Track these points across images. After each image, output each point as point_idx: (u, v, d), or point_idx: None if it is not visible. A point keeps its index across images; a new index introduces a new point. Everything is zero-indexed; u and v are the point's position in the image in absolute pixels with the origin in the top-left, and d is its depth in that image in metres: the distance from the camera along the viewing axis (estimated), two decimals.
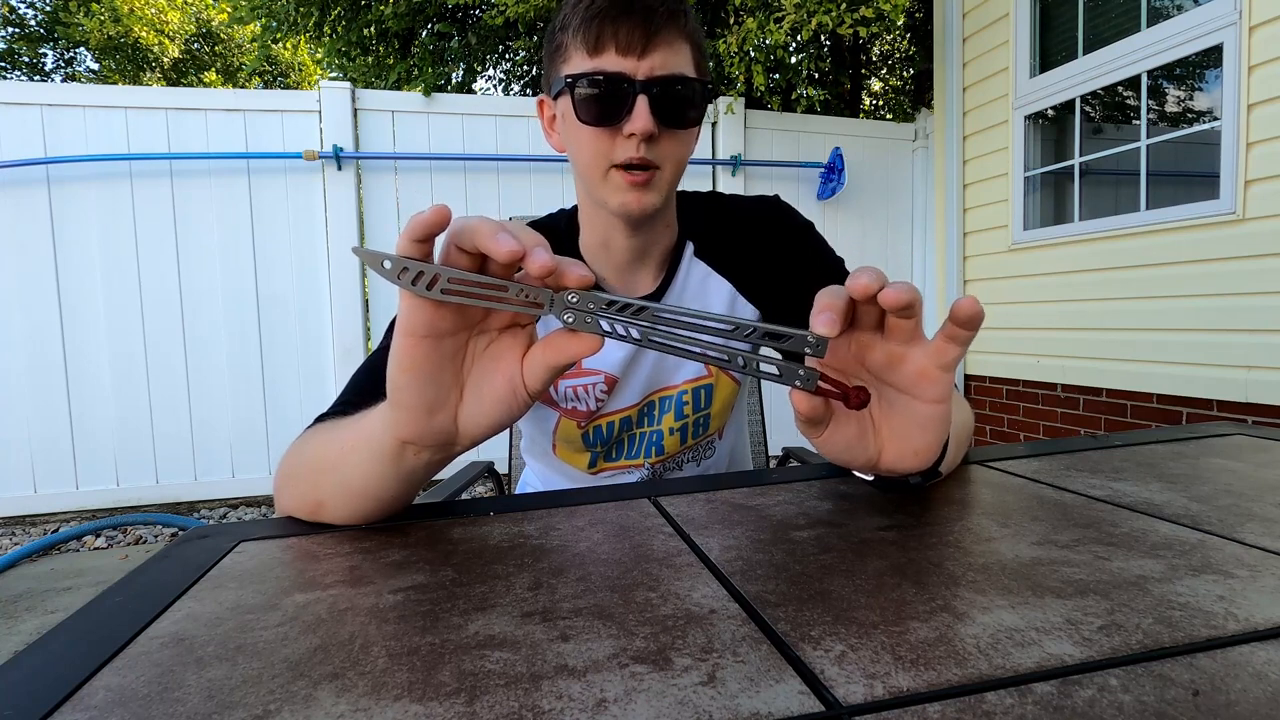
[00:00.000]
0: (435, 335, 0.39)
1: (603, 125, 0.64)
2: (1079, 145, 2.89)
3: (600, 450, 0.81)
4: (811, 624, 0.32)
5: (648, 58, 0.62)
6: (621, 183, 0.65)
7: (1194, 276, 2.41)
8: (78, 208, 2.80)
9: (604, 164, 0.66)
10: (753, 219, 0.82)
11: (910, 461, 0.43)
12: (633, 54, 0.62)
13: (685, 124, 0.66)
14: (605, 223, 0.72)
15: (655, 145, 0.65)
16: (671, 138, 0.66)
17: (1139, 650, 0.29)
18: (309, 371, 3.06)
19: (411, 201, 3.15)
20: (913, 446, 0.43)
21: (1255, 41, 2.21)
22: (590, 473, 0.83)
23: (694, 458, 0.85)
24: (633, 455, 0.82)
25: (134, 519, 2.81)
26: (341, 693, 0.28)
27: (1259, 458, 0.61)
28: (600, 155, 0.65)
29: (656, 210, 0.69)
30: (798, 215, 0.83)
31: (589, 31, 0.62)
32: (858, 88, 5.24)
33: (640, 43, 0.62)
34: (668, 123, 0.64)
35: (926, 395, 0.41)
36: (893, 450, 0.43)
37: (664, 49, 0.63)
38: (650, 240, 0.75)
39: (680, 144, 0.67)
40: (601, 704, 0.26)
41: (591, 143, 0.65)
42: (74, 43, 9.29)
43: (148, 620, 0.35)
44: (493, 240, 0.34)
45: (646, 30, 0.61)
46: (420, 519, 0.51)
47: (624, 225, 0.71)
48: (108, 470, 2.88)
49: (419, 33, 4.45)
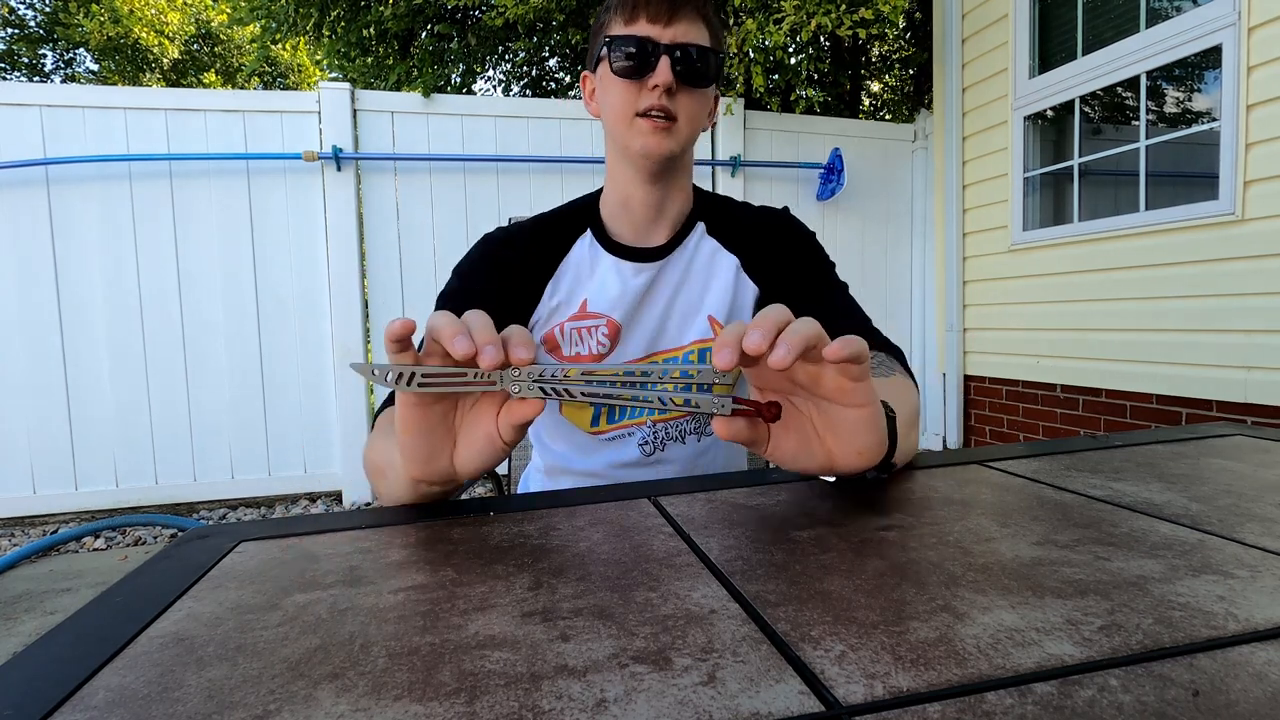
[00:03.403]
0: (423, 405, 0.48)
1: (632, 78, 0.77)
2: (1078, 146, 2.89)
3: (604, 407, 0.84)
4: (811, 624, 0.32)
5: (672, 27, 0.76)
6: (645, 127, 0.77)
7: (1193, 277, 2.41)
8: (78, 208, 2.80)
9: (631, 111, 0.77)
10: (762, 215, 0.91)
11: (857, 460, 0.48)
12: (659, 22, 0.75)
13: (699, 83, 0.78)
14: (627, 177, 0.82)
15: (674, 99, 0.77)
16: (687, 95, 0.77)
17: (1139, 650, 0.29)
18: (309, 372, 3.06)
19: (411, 202, 3.15)
20: (855, 448, 0.47)
21: (1254, 42, 2.21)
22: (591, 431, 0.85)
23: (696, 429, 0.87)
24: (635, 414, 0.85)
25: (133, 520, 2.81)
26: (341, 693, 0.28)
27: (1259, 458, 0.61)
28: (629, 103, 0.77)
29: (673, 156, 0.79)
30: (804, 225, 0.92)
31: (626, 4, 0.76)
32: (857, 88, 5.24)
33: (666, 14, 0.75)
34: (685, 80, 0.76)
35: (850, 402, 0.46)
36: (839, 452, 0.48)
37: (685, 22, 0.76)
38: (666, 196, 0.84)
39: (695, 101, 0.78)
40: (601, 704, 0.26)
41: (622, 92, 0.78)
42: (74, 44, 9.29)
43: (148, 620, 0.35)
44: (451, 344, 0.43)
45: (672, 5, 0.75)
46: (420, 519, 0.51)
47: (645, 175, 0.81)
48: (107, 471, 2.88)
49: (419, 34, 4.45)
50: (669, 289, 0.85)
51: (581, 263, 0.85)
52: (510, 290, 0.83)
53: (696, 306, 0.85)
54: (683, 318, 0.85)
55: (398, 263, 3.15)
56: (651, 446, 0.85)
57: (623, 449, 0.86)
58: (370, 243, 3.13)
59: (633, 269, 0.84)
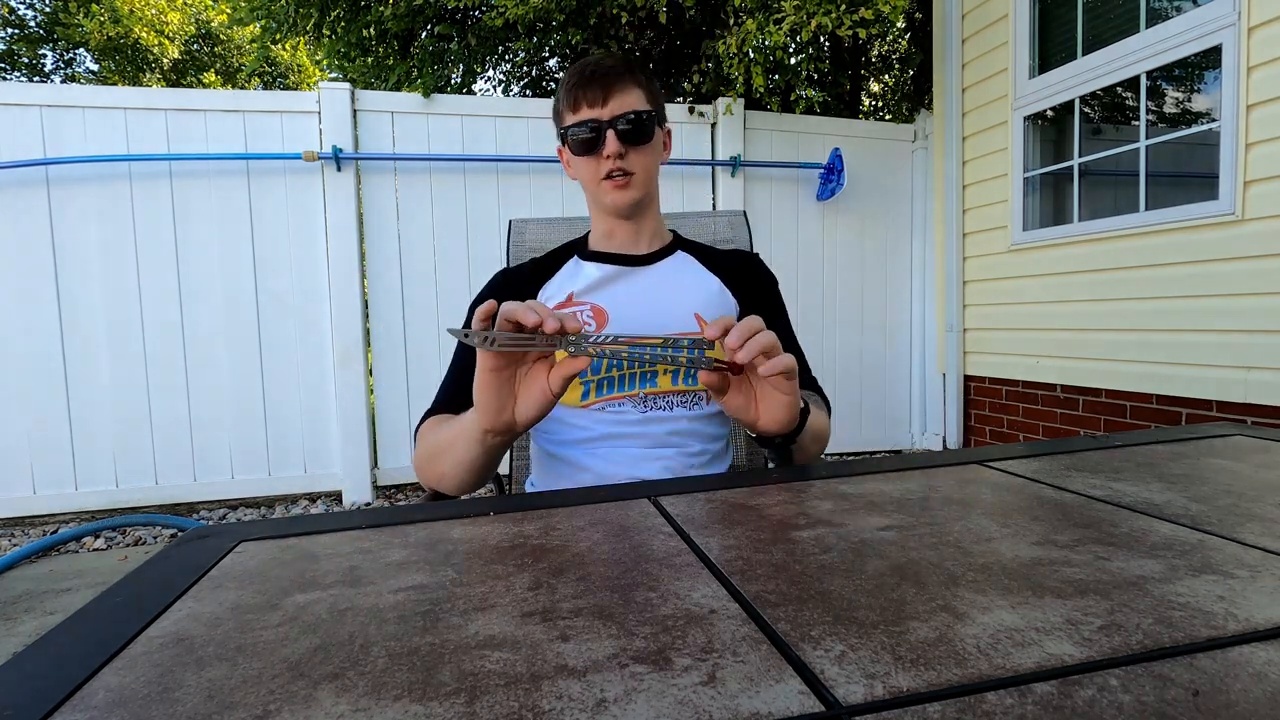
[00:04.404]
0: (497, 369, 0.64)
1: (588, 155, 0.94)
2: (1078, 146, 2.89)
3: (593, 381, 0.94)
4: (811, 624, 0.32)
5: (609, 104, 0.92)
6: (608, 188, 0.95)
7: (1193, 277, 2.41)
8: (78, 208, 2.80)
9: (596, 177, 0.95)
10: (736, 256, 1.07)
11: (774, 427, 0.69)
12: (597, 105, 0.92)
13: (643, 140, 0.94)
14: (606, 220, 1.01)
15: (626, 159, 0.93)
16: (636, 151, 0.94)
17: (1139, 650, 0.29)
18: (309, 372, 3.06)
19: (411, 202, 3.15)
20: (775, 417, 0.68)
21: (1254, 42, 2.21)
22: (582, 406, 0.93)
23: (685, 402, 0.95)
24: (627, 389, 0.94)
25: (133, 520, 2.81)
26: (341, 693, 0.28)
27: (1259, 458, 0.61)
28: (592, 172, 0.95)
29: (638, 201, 0.96)
30: (769, 271, 1.08)
31: (569, 98, 0.93)
32: (857, 89, 5.24)
33: (601, 97, 0.91)
34: (630, 141, 0.92)
35: (780, 388, 0.67)
36: (764, 417, 0.69)
37: (618, 97, 0.92)
38: (641, 226, 1.01)
39: (644, 154, 0.95)
40: (601, 704, 0.26)
41: (584, 167, 0.96)
42: (74, 44, 9.29)
43: (148, 620, 0.35)
44: (524, 316, 0.58)
45: (604, 88, 0.91)
46: (420, 519, 0.51)
47: (620, 217, 0.99)
48: (107, 471, 2.88)
49: (419, 34, 4.45)
50: (654, 287, 0.98)
51: (566, 273, 1.01)
52: None
53: (683, 305, 0.97)
54: (669, 313, 0.96)
55: (398, 263, 3.15)
56: (645, 407, 0.95)
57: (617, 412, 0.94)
58: (370, 243, 3.13)
59: (614, 269, 0.98)
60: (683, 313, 0.97)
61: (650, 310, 0.96)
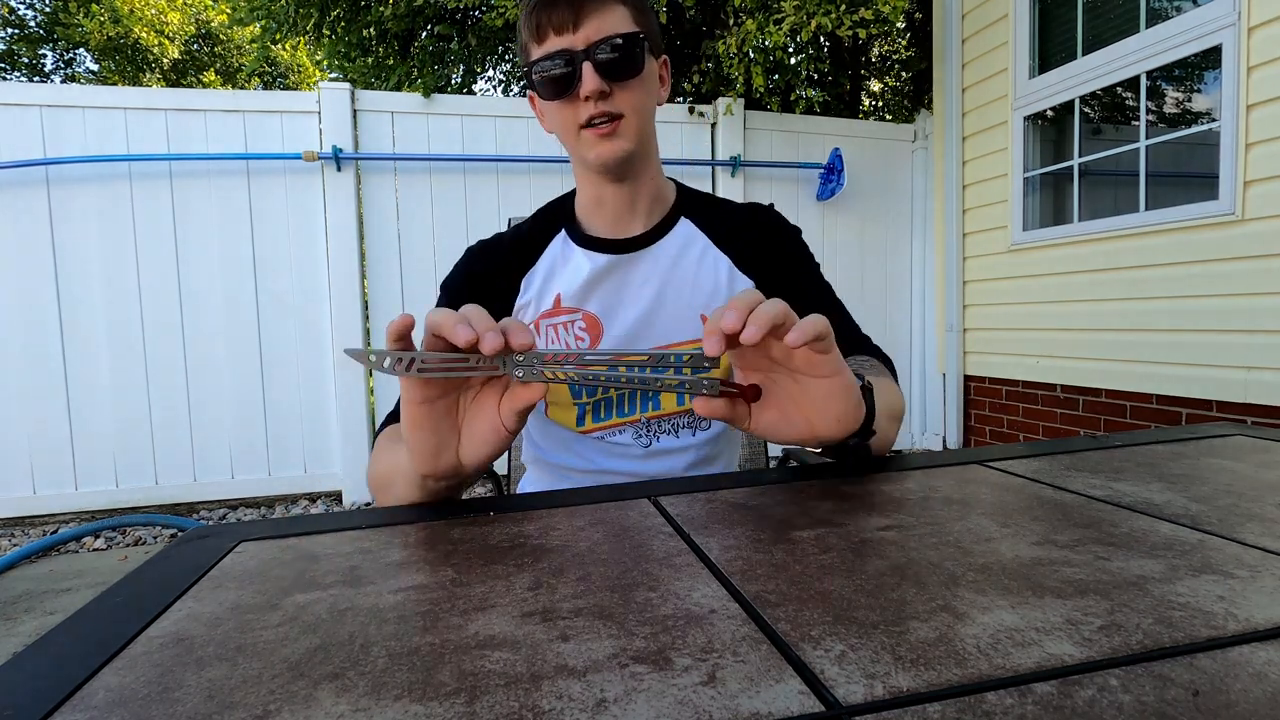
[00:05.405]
0: (428, 400, 0.49)
1: (562, 97, 0.73)
2: (1078, 146, 2.89)
3: (589, 405, 0.81)
4: (811, 624, 0.32)
5: (581, 29, 0.71)
6: (591, 138, 0.74)
7: (1193, 277, 2.41)
8: (77, 209, 2.80)
9: (574, 126, 0.74)
10: (748, 212, 0.88)
11: (836, 427, 0.52)
12: (567, 30, 0.71)
13: (631, 73, 0.73)
14: (593, 181, 0.80)
15: (611, 99, 0.73)
16: (624, 88, 0.73)
17: (1139, 650, 0.29)
18: (309, 372, 3.06)
19: (411, 202, 3.15)
20: (833, 414, 0.51)
21: (1254, 42, 2.21)
22: (579, 431, 0.81)
23: (690, 424, 0.83)
24: (626, 413, 0.81)
25: (133, 520, 2.81)
26: (341, 693, 0.28)
27: (1259, 458, 0.61)
28: (569, 120, 0.74)
29: (631, 154, 0.75)
30: (789, 222, 0.90)
31: (530, 24, 0.73)
32: (857, 89, 5.24)
33: (571, 19, 0.70)
34: (615, 77, 0.72)
35: (820, 372, 0.50)
36: (818, 421, 0.52)
37: (594, 17, 0.71)
38: (636, 190, 0.81)
39: (635, 92, 0.74)
40: (601, 704, 0.26)
41: (558, 113, 0.75)
42: (74, 44, 9.29)
43: (148, 620, 0.35)
44: (453, 332, 0.44)
45: (574, 6, 0.70)
46: (420, 519, 0.51)
47: (609, 177, 0.79)
48: (107, 471, 2.88)
49: (419, 34, 4.45)
50: (654, 281, 0.81)
51: (554, 260, 0.83)
52: (488, 299, 0.82)
53: (689, 305, 0.82)
54: (672, 316, 0.81)
55: (398, 263, 3.15)
56: (648, 439, 0.82)
57: (616, 446, 0.82)
58: (370, 243, 3.13)
59: (607, 260, 0.81)
60: (689, 315, 0.81)
61: (650, 315, 0.81)
